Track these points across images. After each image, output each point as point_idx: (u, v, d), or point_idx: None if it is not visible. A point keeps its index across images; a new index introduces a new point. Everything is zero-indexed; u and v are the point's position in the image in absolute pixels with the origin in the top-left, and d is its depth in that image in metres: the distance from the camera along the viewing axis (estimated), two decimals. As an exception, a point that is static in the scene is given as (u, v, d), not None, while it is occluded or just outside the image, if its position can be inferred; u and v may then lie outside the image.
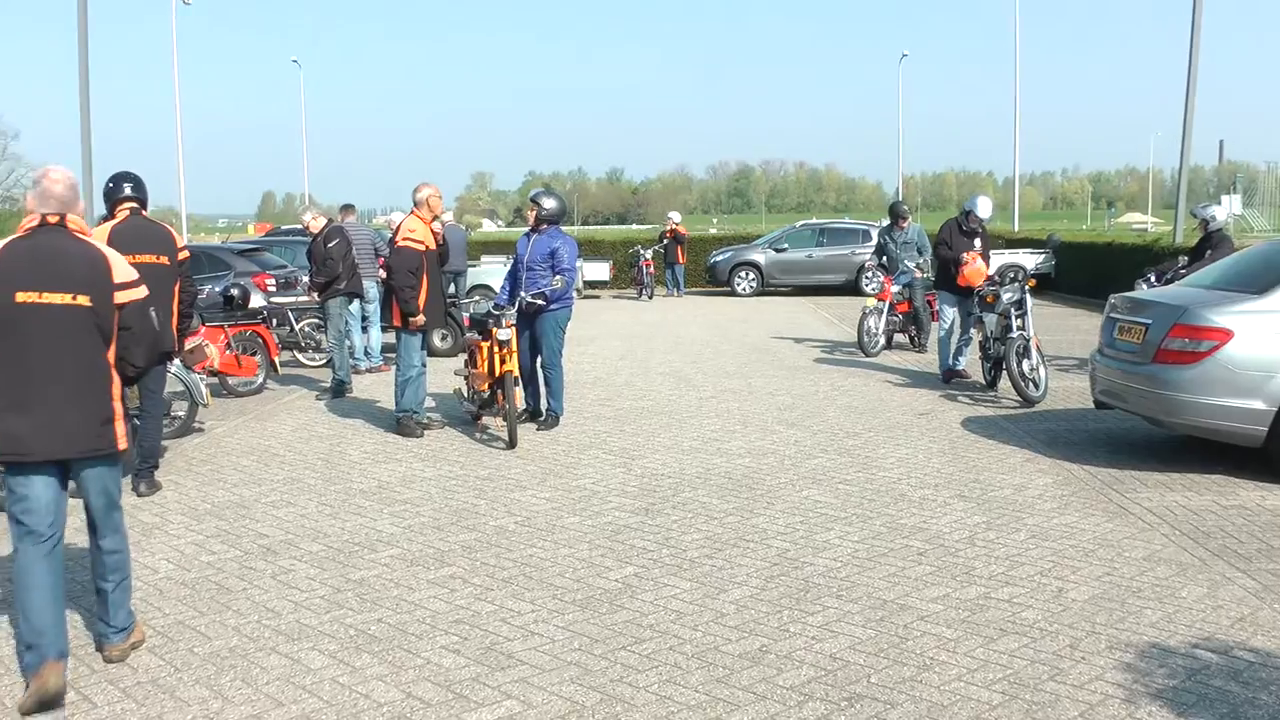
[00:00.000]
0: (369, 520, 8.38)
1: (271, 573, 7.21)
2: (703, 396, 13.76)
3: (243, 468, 10.33)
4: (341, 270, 14.68)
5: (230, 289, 15.23)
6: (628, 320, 25.09)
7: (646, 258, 32.79)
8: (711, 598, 6.53)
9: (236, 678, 5.58)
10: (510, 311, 11.33)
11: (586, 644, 5.86)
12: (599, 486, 9.22)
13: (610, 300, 32.05)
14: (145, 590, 6.98)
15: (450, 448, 10.97)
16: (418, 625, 6.18)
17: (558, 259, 11.57)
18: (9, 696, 5.43)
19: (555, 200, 12.14)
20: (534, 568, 7.14)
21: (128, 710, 5.28)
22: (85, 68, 25.81)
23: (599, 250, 36.57)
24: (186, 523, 8.54)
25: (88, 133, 25.92)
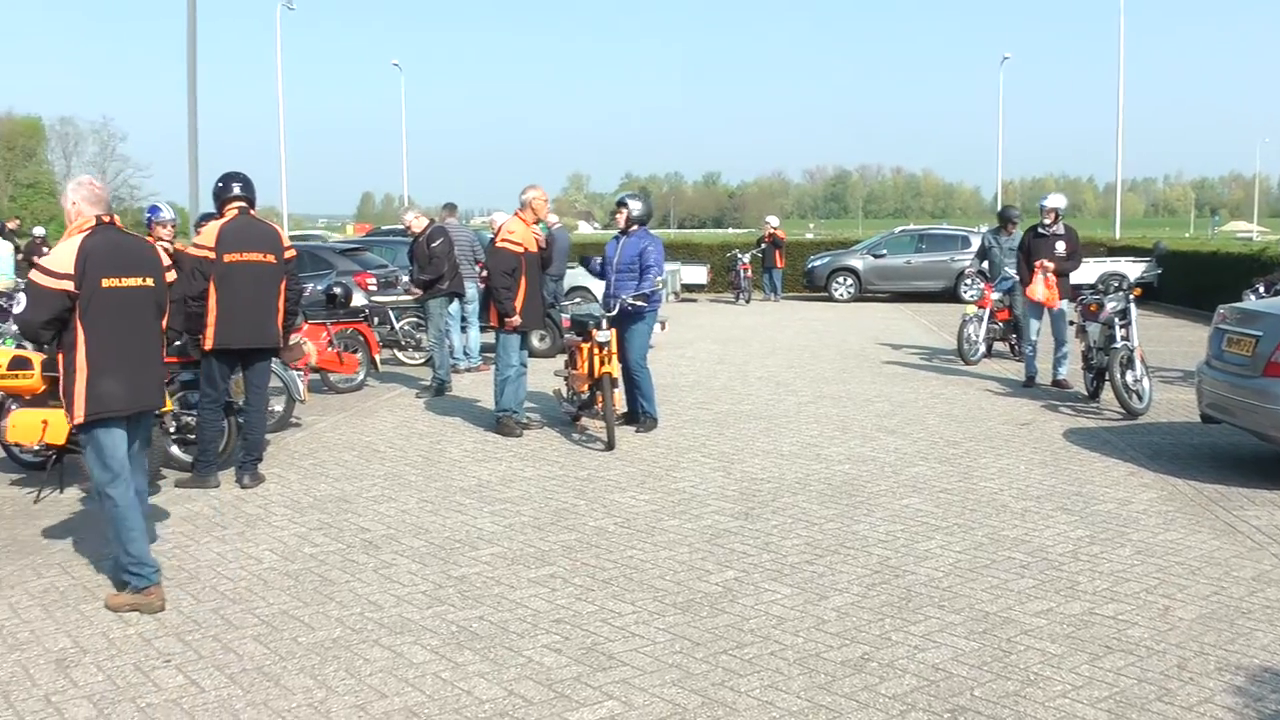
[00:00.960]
0: (470, 518, 8.46)
1: (374, 566, 7.30)
2: (801, 401, 13.71)
3: (344, 463, 10.47)
4: (445, 270, 14.83)
5: (333, 287, 15.43)
6: (725, 324, 25.05)
7: (744, 262, 32.70)
8: (812, 604, 6.50)
9: (340, 668, 5.66)
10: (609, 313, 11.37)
11: (688, 647, 5.87)
12: (698, 490, 9.22)
13: (707, 304, 32.01)
14: (249, 580, 7.12)
15: (549, 448, 11.03)
16: (519, 623, 6.22)
17: (645, 260, 11.59)
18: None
19: (642, 202, 12.18)
20: (634, 569, 7.15)
21: (234, 696, 5.38)
22: (193, 71, 26.33)
23: (696, 254, 36.56)
24: (289, 515, 8.67)
25: (194, 134, 26.42)
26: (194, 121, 26.39)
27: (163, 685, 5.55)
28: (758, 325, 24.75)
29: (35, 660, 5.95)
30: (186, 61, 26.29)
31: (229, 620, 6.41)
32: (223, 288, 9.42)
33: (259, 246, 9.62)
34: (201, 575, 7.26)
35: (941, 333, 22.48)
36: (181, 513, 8.86)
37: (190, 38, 26.28)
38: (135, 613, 6.52)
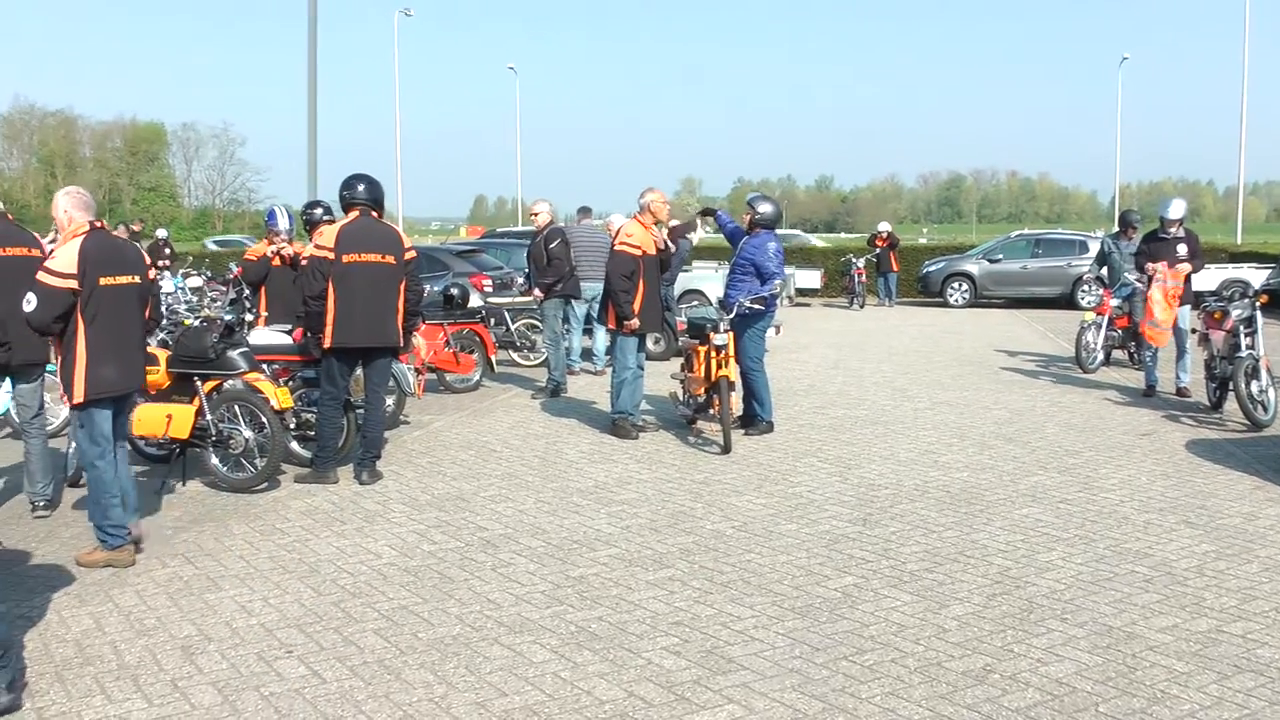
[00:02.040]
0: (587, 519, 8.46)
1: (492, 565, 7.33)
2: (918, 408, 13.56)
3: (461, 462, 10.54)
4: (563, 272, 14.89)
5: (450, 288, 15.55)
6: (840, 329, 24.89)
7: (859, 266, 32.45)
8: (933, 612, 6.41)
9: (460, 665, 5.68)
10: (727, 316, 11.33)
11: (807, 652, 5.81)
12: (815, 495, 9.15)
13: (821, 308, 31.83)
14: (369, 575, 7.18)
15: (665, 451, 11.01)
16: (638, 625, 6.21)
17: (763, 265, 11.52)
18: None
19: (771, 205, 12.08)
20: (753, 573, 7.10)
21: (356, 688, 5.42)
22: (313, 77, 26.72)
23: (810, 258, 36.39)
24: (408, 512, 8.74)
25: (313, 138, 26.80)
26: (313, 126, 26.78)
27: (285, 675, 5.63)
28: (873, 330, 24.54)
29: (162, 646, 6.07)
30: (307, 67, 26.69)
31: (349, 614, 6.47)
32: (341, 288, 9.53)
33: (378, 248, 9.72)
34: (321, 569, 7.34)
35: (1058, 340, 22.10)
36: (301, 507, 8.97)
37: (311, 44, 26.68)
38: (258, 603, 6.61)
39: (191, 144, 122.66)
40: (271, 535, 8.18)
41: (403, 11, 59.93)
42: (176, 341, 9.92)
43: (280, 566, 7.43)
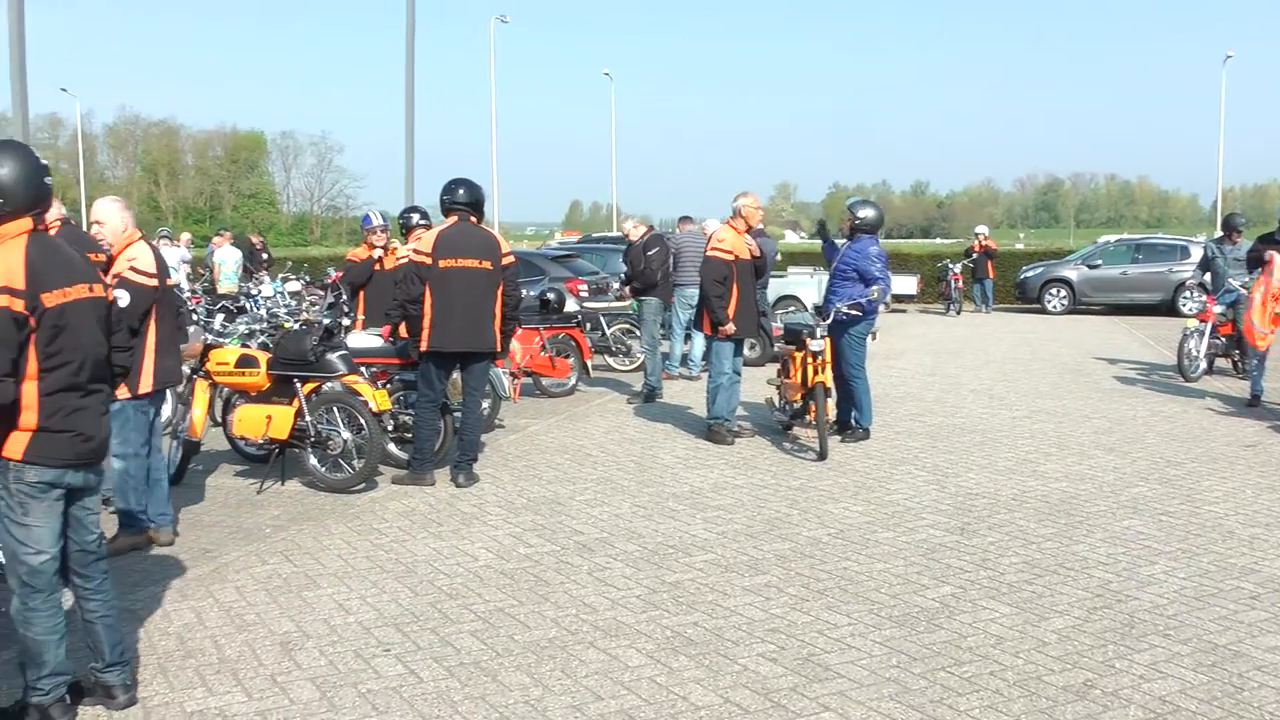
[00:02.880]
0: (682, 524, 8.45)
1: (588, 569, 7.34)
2: (1015, 416, 13.38)
3: (557, 465, 10.57)
4: (657, 278, 14.90)
5: (546, 293, 15.61)
6: (936, 335, 24.65)
7: (955, 272, 32.09)
8: (1032, 625, 6.30)
9: (556, 668, 5.69)
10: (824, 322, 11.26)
11: (905, 661, 5.75)
12: (912, 503, 9.06)
13: (917, 314, 31.56)
14: (465, 576, 7.22)
15: (761, 457, 10.96)
16: (734, 631, 6.17)
17: (866, 270, 11.43)
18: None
19: (872, 209, 11.96)
20: (849, 581, 7.04)
21: (452, 688, 5.46)
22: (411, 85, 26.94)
23: (905, 264, 36.08)
24: (504, 515, 8.78)
25: (411, 145, 27.03)
26: (411, 133, 27.00)
27: (382, 673, 5.67)
28: (970, 337, 24.28)
29: (261, 641, 6.16)
30: (405, 76, 26.91)
31: (446, 615, 6.51)
32: (438, 292, 9.60)
33: (475, 253, 9.77)
34: (418, 569, 7.40)
35: (1159, 347, 21.72)
36: (398, 508, 9.04)
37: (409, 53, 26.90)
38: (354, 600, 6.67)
39: (290, 152, 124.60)
40: (369, 535, 8.26)
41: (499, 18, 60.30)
42: (277, 344, 10.05)
43: (377, 566, 7.49)
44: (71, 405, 4.97)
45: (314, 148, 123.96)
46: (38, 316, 4.79)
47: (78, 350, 4.97)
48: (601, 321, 17.60)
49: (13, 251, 4.82)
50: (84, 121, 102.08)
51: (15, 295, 4.72)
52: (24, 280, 4.75)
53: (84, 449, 5.04)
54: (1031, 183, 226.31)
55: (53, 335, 4.85)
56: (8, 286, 4.71)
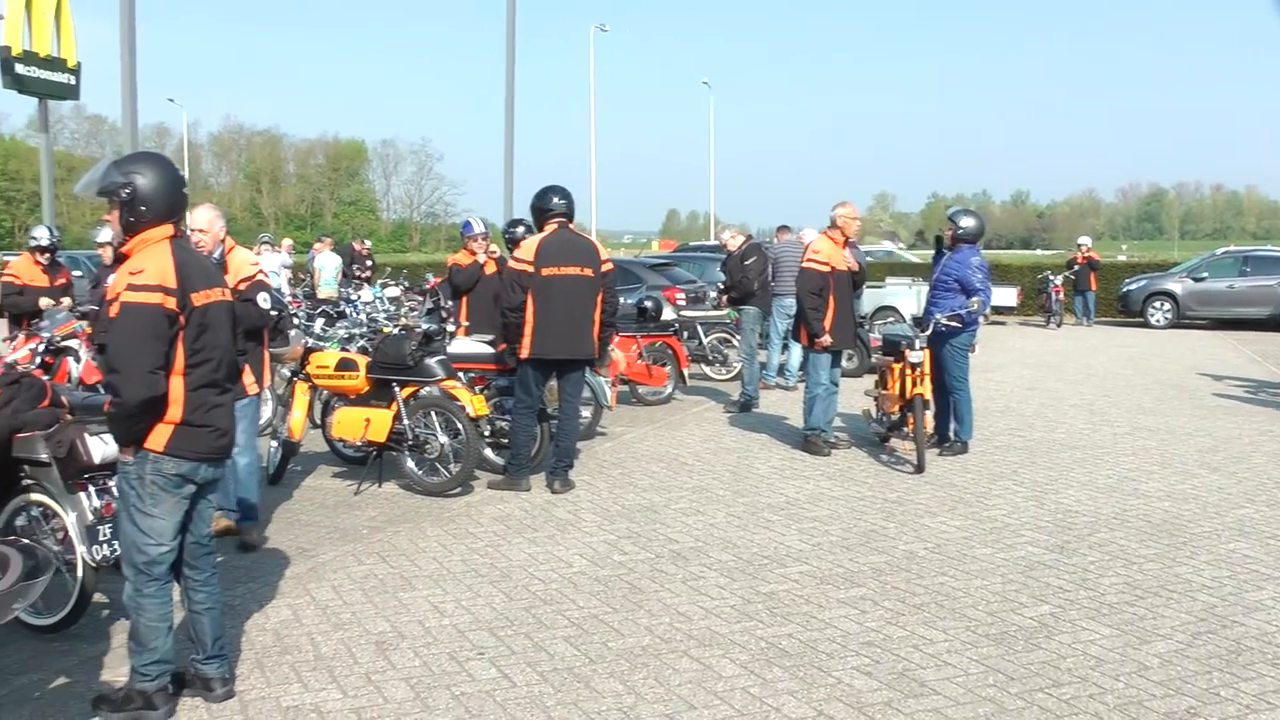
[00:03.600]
0: (777, 535, 8.39)
1: (682, 578, 7.32)
2: (1117, 432, 13.15)
3: (652, 473, 10.56)
4: (754, 287, 14.85)
5: (643, 301, 15.62)
6: (1036, 348, 24.29)
7: (1056, 284, 31.56)
8: (1133, 648, 6.17)
9: (649, 676, 5.67)
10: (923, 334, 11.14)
11: (1002, 681, 5.65)
12: (1010, 519, 8.92)
13: (1016, 327, 31.14)
14: (560, 582, 7.23)
15: (857, 468, 10.87)
16: (828, 644, 6.12)
17: (968, 280, 11.30)
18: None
19: (974, 219, 11.81)
20: (946, 596, 6.95)
21: (545, 693, 5.47)
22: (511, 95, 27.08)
23: (1005, 275, 35.64)
24: (599, 522, 8.79)
25: (510, 153, 27.18)
26: (510, 142, 27.15)
27: (476, 676, 5.71)
28: (1070, 350, 23.90)
29: (357, 640, 6.24)
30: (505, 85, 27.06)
31: (540, 620, 6.53)
32: (540, 300, 9.64)
33: (576, 260, 9.82)
34: (513, 574, 7.42)
35: (1267, 364, 21.24)
36: (494, 513, 9.08)
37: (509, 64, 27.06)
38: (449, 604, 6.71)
39: (391, 159, 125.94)
40: (464, 539, 8.30)
41: (598, 26, 60.65)
42: (376, 348, 10.15)
43: (472, 570, 7.53)
44: (211, 401, 5.21)
45: (414, 155, 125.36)
46: (187, 315, 5.04)
47: (217, 349, 5.22)
48: (699, 330, 17.57)
49: (161, 254, 5.07)
50: (190, 131, 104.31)
51: (169, 294, 4.97)
52: (175, 280, 5.00)
53: (219, 444, 5.28)
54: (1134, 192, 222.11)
55: (198, 333, 5.10)
56: (161, 285, 4.96)
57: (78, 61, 24.94)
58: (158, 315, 4.94)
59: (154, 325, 4.93)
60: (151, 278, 4.96)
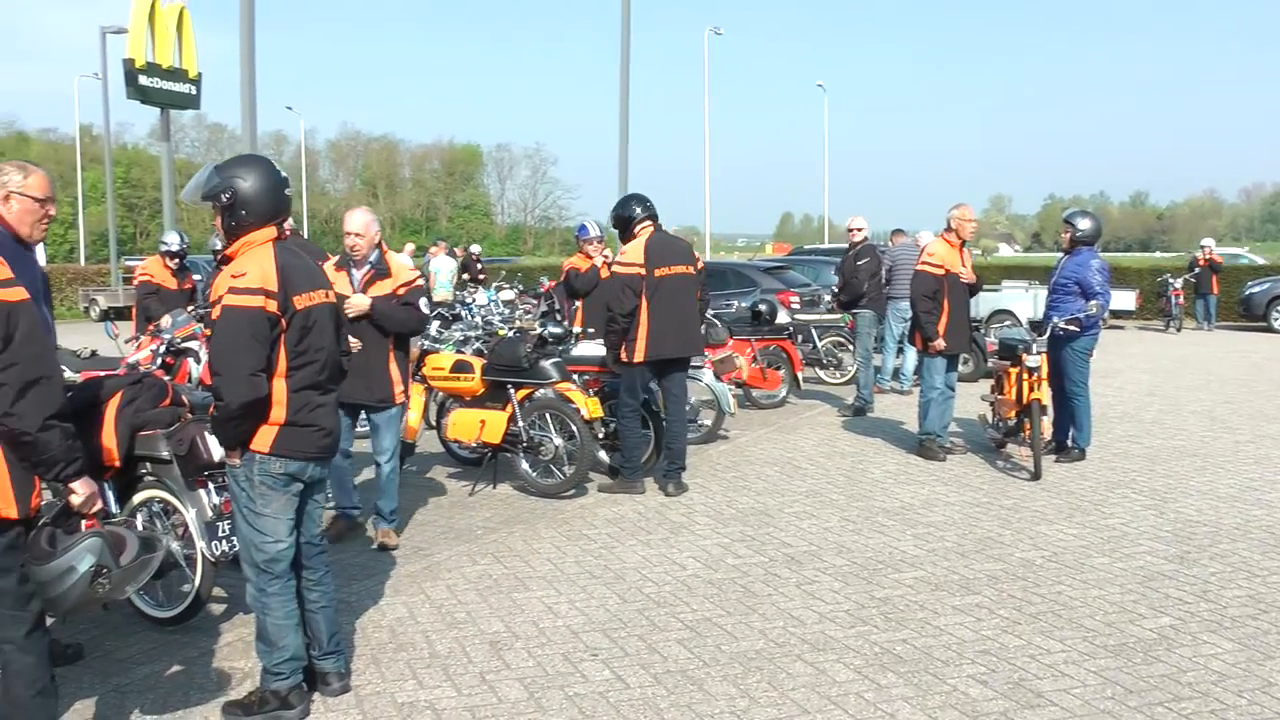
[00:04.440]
0: (892, 540, 8.34)
1: (796, 582, 7.30)
2: (1239, 440, 12.85)
3: (766, 477, 10.55)
4: (867, 288, 14.75)
5: (758, 304, 15.59)
6: (1155, 353, 23.82)
7: (1176, 287, 30.90)
8: (1257, 663, 6.01)
9: (763, 680, 5.68)
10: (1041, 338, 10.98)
11: (1120, 694, 5.55)
12: (1129, 528, 8.77)
13: (1135, 331, 30.58)
14: (674, 585, 7.26)
15: (973, 474, 10.76)
16: (943, 651, 6.07)
17: (1088, 283, 11.12)
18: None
19: (1091, 220, 11.60)
20: (1063, 606, 6.85)
21: (659, 695, 5.50)
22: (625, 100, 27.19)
23: (1124, 278, 35.00)
24: (713, 525, 8.80)
25: (625, 158, 27.29)
26: (625, 144, 27.25)
27: (590, 677, 5.75)
28: (1190, 356, 23.41)
29: (471, 639, 6.32)
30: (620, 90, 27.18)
31: (654, 622, 6.56)
32: (655, 300, 9.70)
33: (680, 259, 9.96)
34: (627, 576, 7.46)
35: (1402, 374, 20.65)
36: (608, 515, 9.14)
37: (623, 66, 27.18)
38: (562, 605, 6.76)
39: (505, 164, 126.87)
40: (578, 541, 8.37)
41: (713, 29, 60.54)
42: (492, 351, 10.25)
43: (586, 571, 7.59)
44: (315, 402, 5.26)
45: (528, 160, 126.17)
46: (288, 317, 5.10)
47: (320, 351, 5.26)
48: (813, 334, 17.50)
49: (263, 257, 5.12)
50: (307, 138, 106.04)
51: (270, 297, 5.02)
52: (277, 283, 5.05)
53: (324, 443, 5.34)
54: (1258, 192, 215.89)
55: (300, 335, 5.15)
56: (263, 288, 5.02)
57: (199, 72, 25.58)
58: (258, 318, 5.00)
59: (254, 328, 4.99)
60: (253, 281, 5.02)
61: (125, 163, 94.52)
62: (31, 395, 4.28)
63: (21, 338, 4.29)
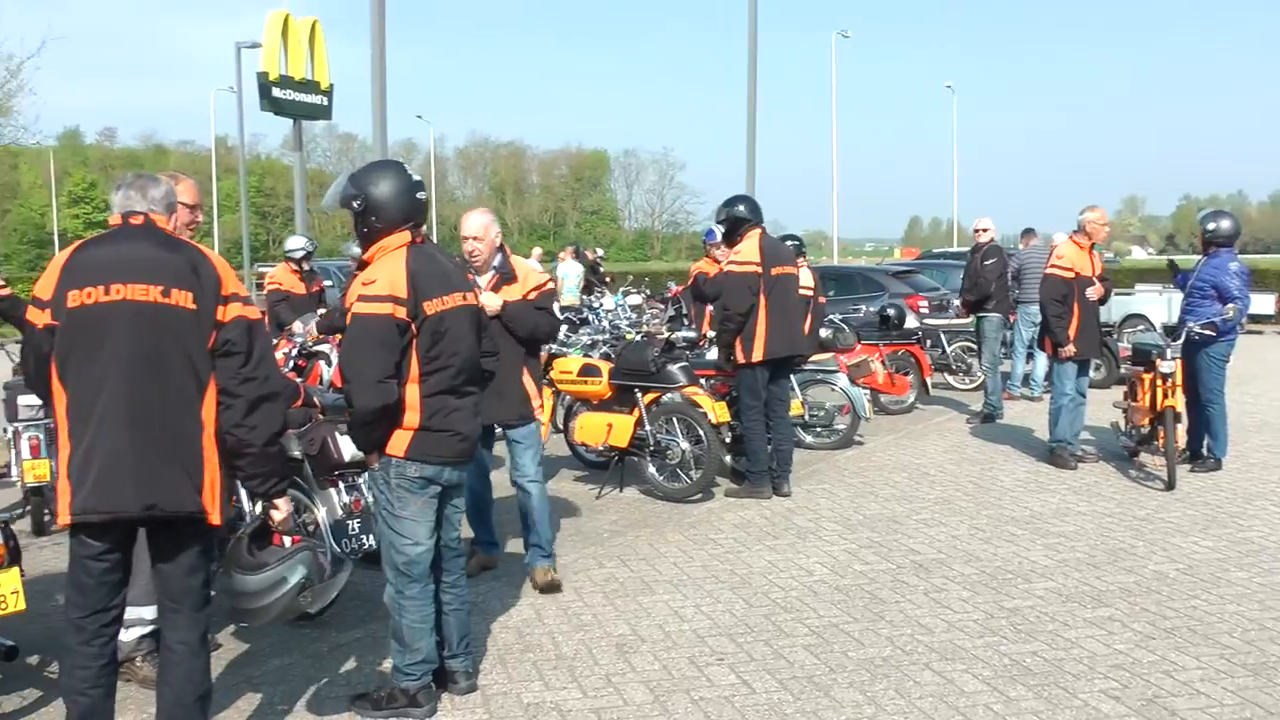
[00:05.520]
0: (1021, 549, 8.24)
1: (924, 589, 7.26)
2: (1389, 453, 12.48)
3: (894, 483, 10.49)
4: (993, 290, 14.53)
5: (886, 309, 15.50)
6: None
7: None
8: (1405, 679, 5.86)
9: (890, 687, 5.66)
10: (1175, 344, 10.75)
11: (1260, 715, 5.40)
12: (1269, 541, 8.54)
13: (1274, 336, 29.77)
14: (800, 590, 7.27)
15: (1104, 483, 10.57)
16: (1074, 664, 5.98)
17: (1224, 286, 10.86)
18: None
19: (1229, 220, 11.28)
20: (1198, 621, 6.70)
21: (784, 701, 5.51)
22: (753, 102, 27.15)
23: (1263, 281, 34.10)
24: (840, 531, 8.78)
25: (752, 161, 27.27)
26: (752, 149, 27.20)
27: (715, 681, 5.78)
28: (1335, 365, 22.75)
29: (597, 642, 6.40)
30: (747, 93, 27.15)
31: (780, 627, 6.57)
32: (772, 300, 9.78)
33: (788, 260, 10.16)
34: (753, 581, 7.48)
35: None
36: (735, 520, 9.16)
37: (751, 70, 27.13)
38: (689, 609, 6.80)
39: (633, 169, 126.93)
40: (705, 545, 8.40)
41: (840, 33, 60.30)
42: (619, 354, 10.34)
43: (713, 576, 7.62)
44: (450, 406, 5.30)
45: (655, 165, 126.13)
46: (419, 323, 5.15)
47: (455, 355, 5.29)
48: (941, 338, 17.33)
49: (395, 263, 5.20)
50: (436, 146, 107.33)
51: (399, 303, 5.09)
52: (407, 289, 5.11)
53: (460, 448, 5.38)
54: None
55: (433, 341, 5.20)
56: (392, 295, 5.09)
57: (330, 83, 26.10)
58: (387, 325, 5.07)
59: (382, 335, 5.07)
60: (382, 288, 5.10)
61: (258, 172, 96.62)
62: (263, 410, 4.50)
63: (260, 353, 4.53)
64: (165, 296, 4.38)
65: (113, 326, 4.34)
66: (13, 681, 5.90)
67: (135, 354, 4.34)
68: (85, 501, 4.33)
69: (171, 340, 4.39)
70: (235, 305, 4.52)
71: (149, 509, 4.35)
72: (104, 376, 4.34)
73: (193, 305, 4.42)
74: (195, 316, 4.42)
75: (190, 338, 4.41)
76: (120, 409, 4.32)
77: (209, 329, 4.45)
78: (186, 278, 4.44)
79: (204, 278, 4.48)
